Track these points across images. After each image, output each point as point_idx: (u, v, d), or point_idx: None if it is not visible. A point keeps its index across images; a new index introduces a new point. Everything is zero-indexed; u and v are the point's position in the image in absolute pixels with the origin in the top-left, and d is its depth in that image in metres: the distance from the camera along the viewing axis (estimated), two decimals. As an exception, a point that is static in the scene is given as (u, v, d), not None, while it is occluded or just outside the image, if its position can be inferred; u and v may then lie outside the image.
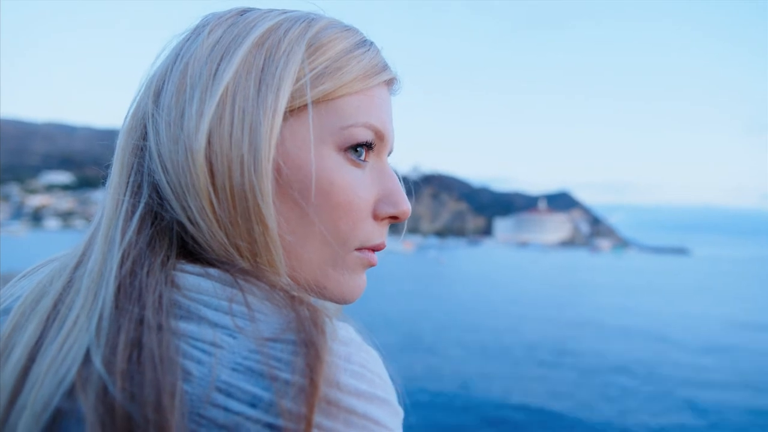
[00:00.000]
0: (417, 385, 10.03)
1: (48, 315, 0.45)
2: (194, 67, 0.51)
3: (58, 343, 0.42)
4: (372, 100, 0.56)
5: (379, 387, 0.42)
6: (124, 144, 0.53)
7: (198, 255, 0.50)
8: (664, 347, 15.37)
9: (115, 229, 0.48)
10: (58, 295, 0.46)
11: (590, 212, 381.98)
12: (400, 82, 0.63)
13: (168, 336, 0.40)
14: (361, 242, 0.57)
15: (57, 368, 0.40)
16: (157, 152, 0.50)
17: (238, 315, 0.42)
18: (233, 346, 0.40)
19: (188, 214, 0.49)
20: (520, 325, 18.39)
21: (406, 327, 16.92)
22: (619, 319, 20.52)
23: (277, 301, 0.44)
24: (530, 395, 10.00)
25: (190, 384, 0.38)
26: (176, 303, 0.43)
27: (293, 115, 0.52)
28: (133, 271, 0.44)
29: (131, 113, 0.54)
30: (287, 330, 0.41)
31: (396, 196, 0.59)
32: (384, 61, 0.60)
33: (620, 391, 10.48)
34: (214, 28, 0.54)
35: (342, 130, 0.54)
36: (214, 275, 0.46)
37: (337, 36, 0.56)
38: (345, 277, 0.57)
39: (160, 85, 0.53)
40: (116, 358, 0.39)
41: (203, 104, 0.49)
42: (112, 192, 0.51)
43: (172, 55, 0.55)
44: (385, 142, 0.59)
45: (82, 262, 0.48)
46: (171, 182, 0.49)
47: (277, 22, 0.54)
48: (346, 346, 0.43)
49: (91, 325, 0.41)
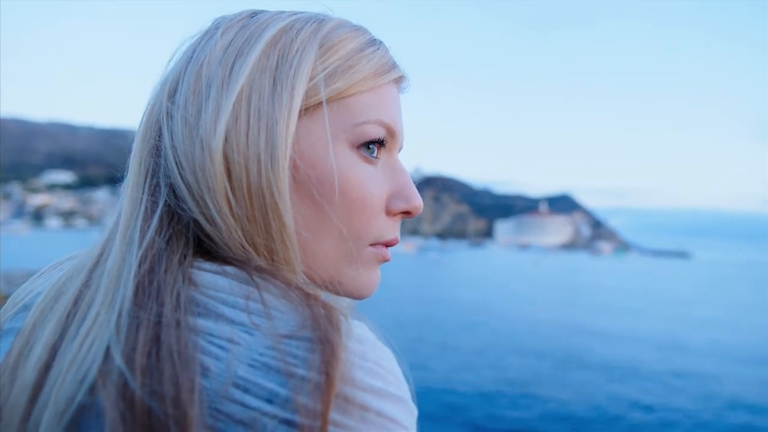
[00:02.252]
0: (423, 386, 10.07)
1: (68, 313, 0.46)
2: (209, 68, 0.52)
3: (78, 341, 0.42)
4: (382, 98, 0.58)
5: (394, 384, 0.43)
6: (141, 145, 0.54)
7: (215, 253, 0.51)
8: (670, 350, 15.36)
9: (134, 230, 0.49)
10: (78, 293, 0.47)
11: (591, 215, 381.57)
12: (409, 80, 0.64)
13: (186, 332, 0.41)
14: (375, 238, 0.58)
15: (79, 365, 0.41)
16: (173, 152, 0.51)
17: (254, 312, 0.43)
18: (250, 343, 0.41)
19: (205, 213, 0.50)
20: (522, 328, 18.38)
21: (408, 328, 16.93)
22: (622, 323, 20.51)
23: (293, 298, 0.45)
24: (534, 396, 10.00)
25: (208, 379, 0.39)
26: (194, 300, 0.44)
27: (307, 114, 0.54)
28: (151, 269, 0.45)
29: (146, 115, 0.56)
30: (303, 327, 0.42)
31: (408, 191, 0.60)
32: (393, 59, 0.61)
33: (628, 393, 10.48)
34: (227, 30, 0.55)
35: (355, 128, 0.55)
36: (231, 273, 0.47)
37: (347, 35, 0.57)
38: (360, 272, 0.58)
39: (174, 87, 0.54)
40: (136, 354, 0.39)
41: (219, 104, 0.50)
42: (130, 192, 0.52)
43: (185, 57, 0.56)
44: (396, 139, 0.60)
45: (100, 262, 0.49)
46: (187, 181, 0.50)
47: (288, 23, 0.56)
48: (361, 343, 0.43)
49: (111, 322, 0.42)
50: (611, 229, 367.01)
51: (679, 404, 10.04)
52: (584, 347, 15.13)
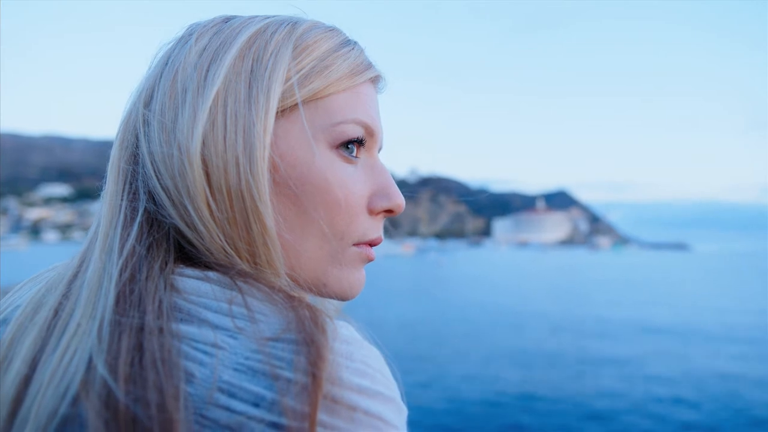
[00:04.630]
0: (421, 387, 9.97)
1: (48, 325, 0.45)
2: (184, 74, 0.52)
3: (59, 352, 0.42)
4: (359, 97, 0.58)
5: (382, 384, 0.42)
6: (119, 153, 0.53)
7: (196, 259, 0.50)
8: (676, 341, 15.32)
9: (113, 238, 0.48)
10: (57, 304, 0.46)
11: (589, 210, 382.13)
12: (385, 80, 0.64)
13: (169, 339, 0.40)
14: (359, 237, 0.58)
15: (61, 377, 0.40)
16: (150, 159, 0.51)
17: (238, 316, 0.42)
18: (234, 347, 0.40)
19: (185, 218, 0.49)
20: (523, 325, 18.33)
21: (408, 330, 16.87)
22: (624, 316, 20.48)
23: (277, 301, 0.45)
24: (537, 396, 9.94)
25: (193, 385, 0.39)
26: (176, 306, 0.43)
27: (284, 116, 0.54)
28: (132, 277, 0.45)
29: (123, 123, 0.55)
30: (288, 329, 0.41)
31: (389, 189, 0.59)
32: (368, 59, 0.61)
33: (637, 390, 10.43)
34: (201, 35, 0.55)
35: (332, 128, 0.55)
36: (213, 278, 0.47)
37: (321, 36, 0.57)
38: (344, 272, 0.57)
39: (150, 94, 0.54)
40: (119, 363, 0.39)
41: (196, 109, 0.50)
42: (109, 201, 0.51)
43: (160, 63, 0.56)
44: (374, 138, 0.60)
45: (80, 272, 0.49)
46: (166, 187, 0.50)
47: (262, 26, 0.56)
48: (347, 344, 0.43)
49: (93, 332, 0.41)
50: (609, 223, 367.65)
51: (687, 396, 10.00)
52: (590, 342, 15.08)
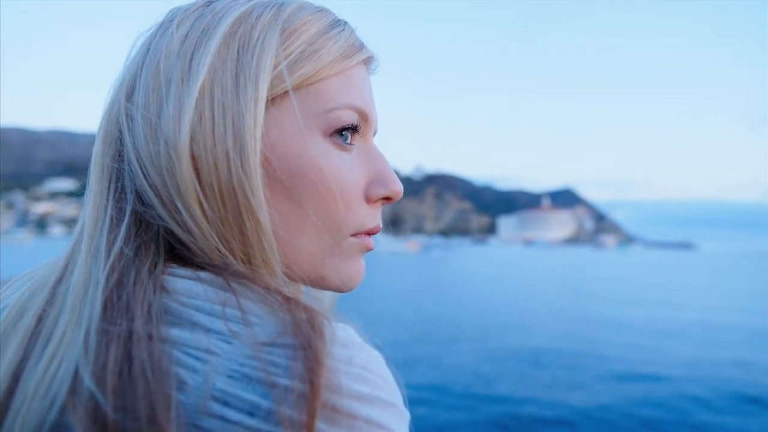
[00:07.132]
0: (423, 384, 9.95)
1: (31, 333, 0.43)
2: (167, 63, 0.49)
3: (44, 364, 0.40)
4: (352, 81, 0.55)
5: (383, 389, 0.41)
6: (102, 149, 0.51)
7: (188, 260, 0.48)
8: (683, 341, 15.26)
9: (99, 240, 0.46)
10: (41, 311, 0.44)
11: (594, 209, 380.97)
12: (378, 60, 0.61)
13: (159, 345, 0.38)
14: (356, 227, 0.56)
15: (45, 390, 0.38)
16: (136, 156, 0.48)
17: (231, 319, 0.41)
18: (228, 353, 0.38)
19: (176, 217, 0.47)
20: (531, 323, 18.29)
21: (413, 328, 16.86)
22: (631, 316, 20.41)
23: (272, 303, 0.43)
24: (541, 395, 9.91)
25: (185, 394, 0.37)
26: (167, 309, 0.42)
27: (274, 104, 0.51)
28: (120, 282, 0.43)
29: (105, 117, 0.52)
30: (284, 334, 0.40)
31: (386, 176, 0.57)
32: (360, 40, 0.58)
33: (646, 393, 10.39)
34: (182, 21, 0.52)
35: (325, 114, 0.53)
36: (206, 279, 0.44)
37: (310, 18, 0.54)
38: (343, 264, 0.56)
39: (132, 85, 0.51)
40: (106, 374, 0.37)
41: (181, 101, 0.48)
42: (94, 200, 0.49)
43: (140, 53, 0.52)
44: (369, 123, 0.57)
45: (65, 276, 0.46)
46: (154, 185, 0.47)
47: (246, 9, 0.52)
48: (346, 348, 0.41)
49: (79, 341, 0.39)
50: (614, 222, 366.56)
51: (696, 394, 9.95)
52: (596, 340, 15.03)
